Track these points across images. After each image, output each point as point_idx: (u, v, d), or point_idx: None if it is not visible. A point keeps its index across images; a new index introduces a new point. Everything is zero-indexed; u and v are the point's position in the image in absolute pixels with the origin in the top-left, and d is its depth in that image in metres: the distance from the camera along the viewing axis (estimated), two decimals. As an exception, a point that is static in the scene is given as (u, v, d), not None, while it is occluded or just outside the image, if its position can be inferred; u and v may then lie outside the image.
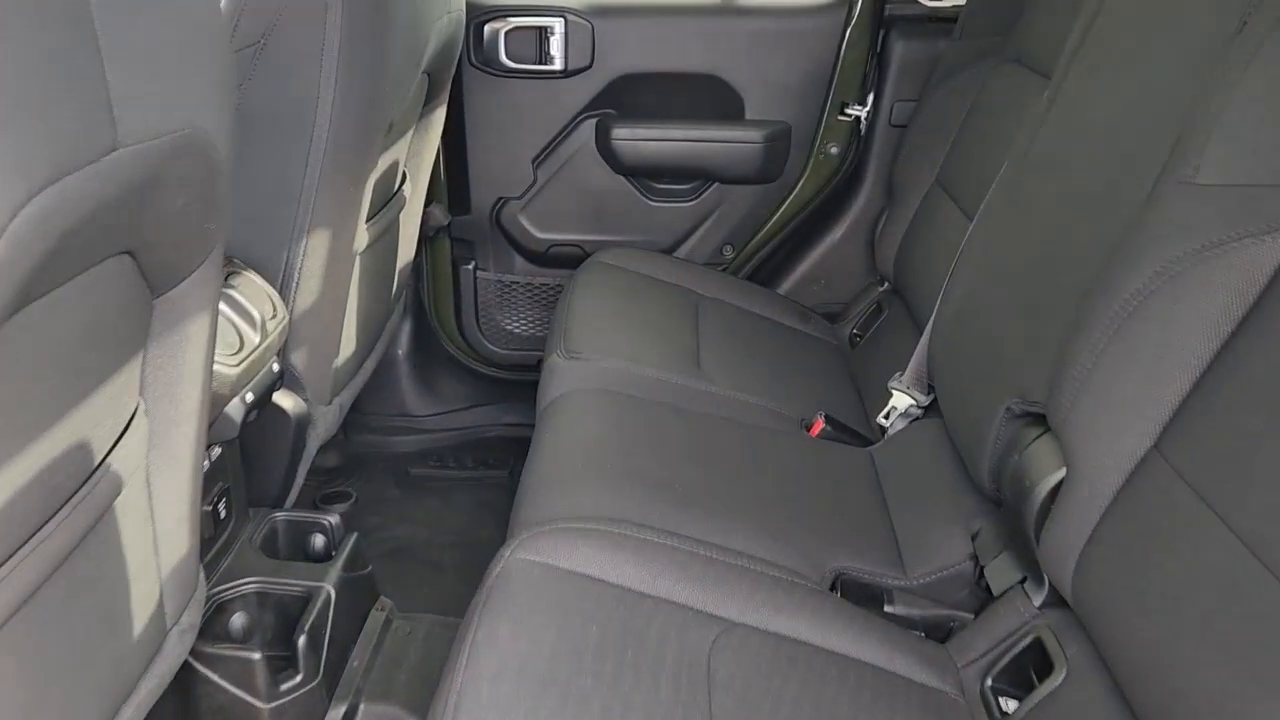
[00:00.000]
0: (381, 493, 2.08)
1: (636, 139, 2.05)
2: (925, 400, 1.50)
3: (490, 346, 2.26)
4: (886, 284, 1.99)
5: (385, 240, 1.74)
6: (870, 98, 2.03)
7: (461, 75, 2.02)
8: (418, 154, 1.89)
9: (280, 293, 1.40)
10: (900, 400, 1.53)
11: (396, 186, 1.79)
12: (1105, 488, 0.97)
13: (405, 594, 1.73)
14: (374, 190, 1.58)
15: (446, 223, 2.13)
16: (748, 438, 1.44)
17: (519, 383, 2.27)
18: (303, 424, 1.52)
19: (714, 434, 1.43)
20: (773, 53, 2.01)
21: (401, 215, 1.85)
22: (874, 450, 1.49)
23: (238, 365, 1.22)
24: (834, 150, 2.08)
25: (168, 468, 1.03)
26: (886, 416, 1.54)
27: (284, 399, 1.48)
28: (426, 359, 2.27)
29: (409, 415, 2.24)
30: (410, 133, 1.80)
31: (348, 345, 1.63)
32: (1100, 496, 0.98)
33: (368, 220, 1.58)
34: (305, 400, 1.52)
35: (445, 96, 1.87)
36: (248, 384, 1.26)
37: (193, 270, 0.94)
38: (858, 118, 2.05)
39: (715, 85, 2.04)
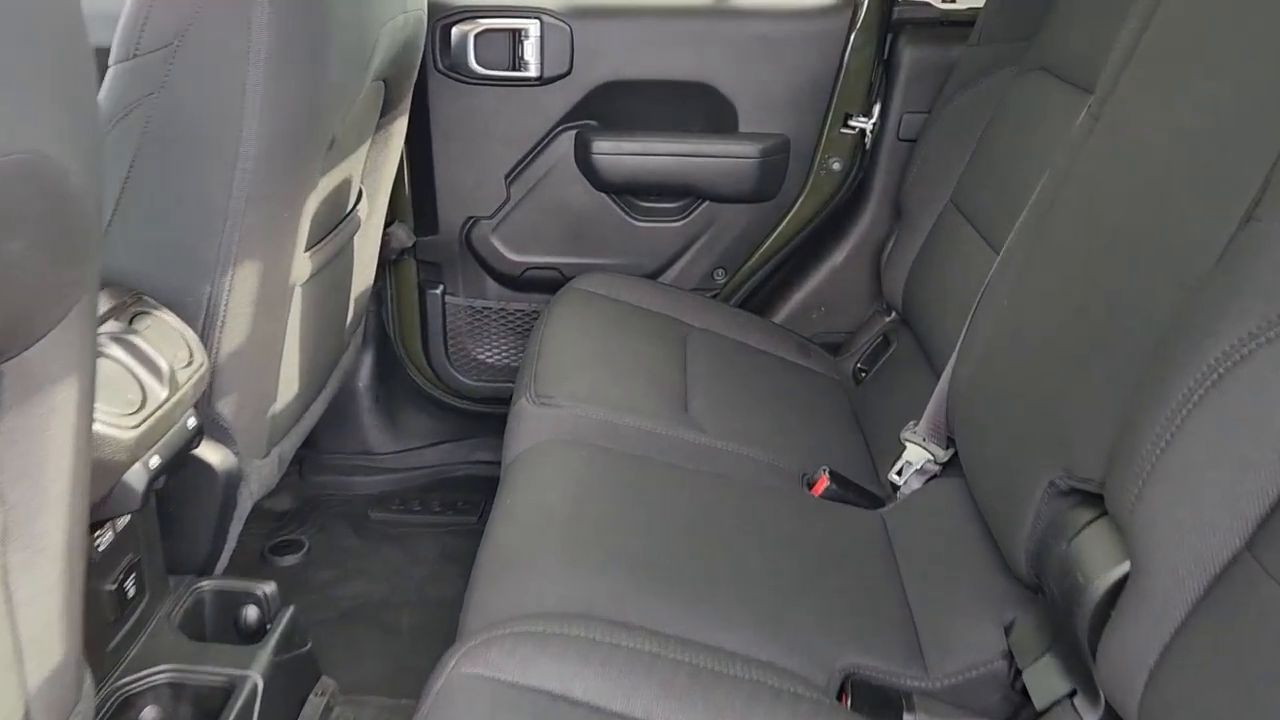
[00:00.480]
0: (337, 541, 1.88)
1: (619, 153, 1.86)
2: (944, 456, 1.32)
3: (460, 378, 2.07)
4: (894, 314, 1.81)
5: (335, 267, 1.56)
6: (876, 109, 1.85)
7: (426, 82, 1.83)
8: (376, 169, 1.70)
9: (202, 334, 1.21)
10: (915, 454, 1.34)
11: (350, 206, 1.60)
12: (1183, 594, 0.79)
13: (355, 664, 1.55)
14: (318, 213, 1.39)
15: (411, 244, 1.94)
16: (742, 500, 1.26)
17: (491, 416, 2.08)
18: (233, 480, 1.33)
19: (704, 497, 1.24)
20: (769, 59, 1.83)
21: (357, 238, 1.66)
22: (886, 513, 1.30)
23: (137, 426, 1.03)
24: (836, 166, 1.90)
25: (33, 563, 0.84)
26: (900, 472, 1.36)
27: (210, 453, 1.29)
28: (390, 391, 2.08)
29: (370, 453, 2.05)
30: (366, 146, 1.62)
31: (288, 388, 1.44)
32: (1176, 604, 0.79)
33: (310, 247, 1.39)
34: (236, 453, 1.33)
35: (406, 106, 1.68)
36: (152, 446, 1.07)
37: (50, 327, 0.75)
38: (862, 131, 1.87)
39: (706, 94, 1.86)
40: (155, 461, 1.08)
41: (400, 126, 1.70)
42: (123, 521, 1.17)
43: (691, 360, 1.63)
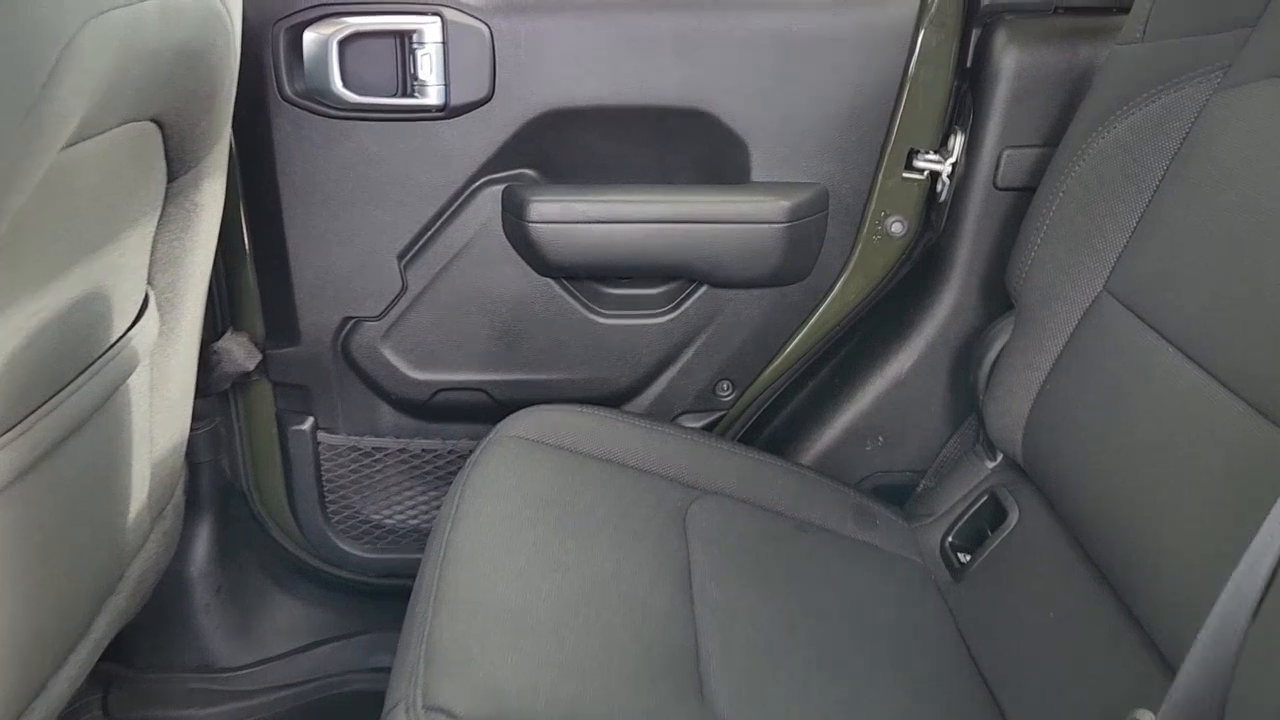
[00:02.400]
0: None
1: (571, 220, 1.22)
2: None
3: (344, 547, 1.41)
4: (1000, 456, 1.18)
5: (87, 439, 0.90)
6: (957, 142, 1.22)
7: (268, 118, 1.18)
8: (175, 261, 1.04)
9: None
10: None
11: (117, 335, 0.95)
12: None
13: None
14: (18, 363, 0.74)
15: (254, 364, 1.28)
16: None
17: (396, 597, 1.42)
18: None
19: None
20: (795, 71, 1.20)
21: (139, 378, 1.00)
22: None
23: None
24: (897, 228, 1.28)
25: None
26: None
27: None
28: (242, 574, 1.41)
29: (212, 670, 1.38)
30: (142, 230, 0.96)
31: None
32: None
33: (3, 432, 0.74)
34: None
35: (216, 160, 1.02)
36: None
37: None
38: (935, 174, 1.25)
39: (701, 127, 1.22)
40: None
41: (212, 192, 1.04)
42: None
43: (700, 565, 0.99)
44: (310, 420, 1.34)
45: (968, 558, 1.13)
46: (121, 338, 0.96)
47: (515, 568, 0.91)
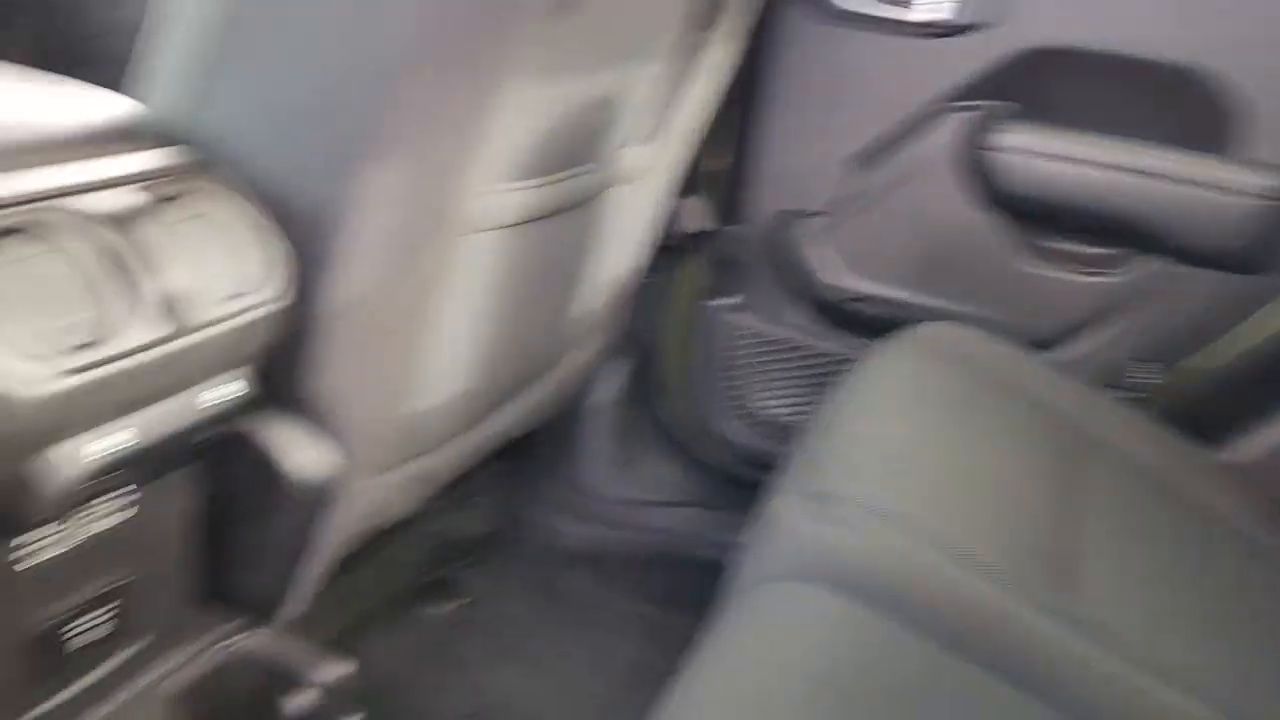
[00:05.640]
0: (504, 606, 1.39)
1: (1037, 153, 1.22)
2: None
3: (727, 435, 1.51)
4: None
5: (571, 222, 1.06)
6: None
7: (777, 13, 1.31)
8: (678, 105, 1.19)
9: (309, 257, 0.74)
10: None
11: (620, 145, 1.11)
12: None
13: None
14: (553, 128, 0.90)
15: (706, 228, 1.42)
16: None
17: (754, 484, 1.51)
18: (322, 497, 0.86)
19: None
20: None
21: (619, 193, 1.16)
22: None
23: (60, 376, 0.56)
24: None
25: None
26: None
27: (293, 446, 0.82)
28: (631, 424, 1.56)
29: (585, 494, 1.55)
30: (653, 68, 1.11)
31: (449, 379, 0.96)
32: None
33: (527, 176, 0.90)
34: (341, 458, 0.85)
35: (738, 28, 1.16)
36: (93, 422, 0.60)
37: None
38: None
39: (1194, 88, 1.17)
40: (99, 446, 0.60)
41: (721, 56, 1.18)
42: (110, 516, 0.73)
43: (1095, 504, 0.96)
44: (730, 300, 1.46)
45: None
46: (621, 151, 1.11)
47: (907, 423, 0.94)
